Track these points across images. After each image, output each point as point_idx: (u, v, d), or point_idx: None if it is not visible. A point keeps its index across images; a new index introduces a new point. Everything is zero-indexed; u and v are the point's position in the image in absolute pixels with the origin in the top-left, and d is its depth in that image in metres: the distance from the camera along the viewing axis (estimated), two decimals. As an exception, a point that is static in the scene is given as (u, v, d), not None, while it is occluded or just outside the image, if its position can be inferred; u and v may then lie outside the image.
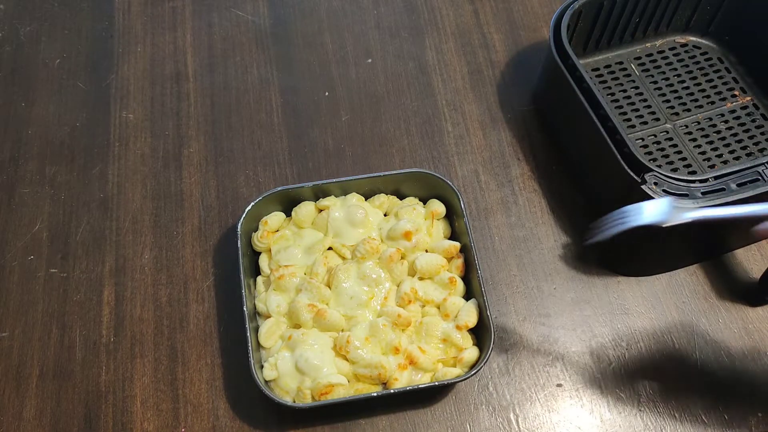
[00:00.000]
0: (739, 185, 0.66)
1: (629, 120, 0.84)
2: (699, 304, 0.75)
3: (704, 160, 0.81)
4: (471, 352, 0.66)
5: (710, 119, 0.85)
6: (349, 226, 0.72)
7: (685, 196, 0.66)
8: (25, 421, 0.67)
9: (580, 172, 0.81)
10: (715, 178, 0.67)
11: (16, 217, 0.78)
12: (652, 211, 0.57)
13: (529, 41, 0.93)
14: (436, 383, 0.65)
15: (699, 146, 0.82)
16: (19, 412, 0.68)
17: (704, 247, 0.77)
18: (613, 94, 0.86)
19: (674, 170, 0.80)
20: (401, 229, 0.71)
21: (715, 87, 0.87)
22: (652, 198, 0.65)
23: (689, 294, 0.75)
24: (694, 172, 0.80)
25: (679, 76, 0.88)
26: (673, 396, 0.70)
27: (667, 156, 0.82)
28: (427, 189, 0.75)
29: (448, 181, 0.73)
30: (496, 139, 0.85)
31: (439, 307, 0.69)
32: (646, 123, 0.84)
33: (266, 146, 0.84)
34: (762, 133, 0.84)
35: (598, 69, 0.88)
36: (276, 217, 0.73)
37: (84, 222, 0.78)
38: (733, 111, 0.85)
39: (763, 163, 0.67)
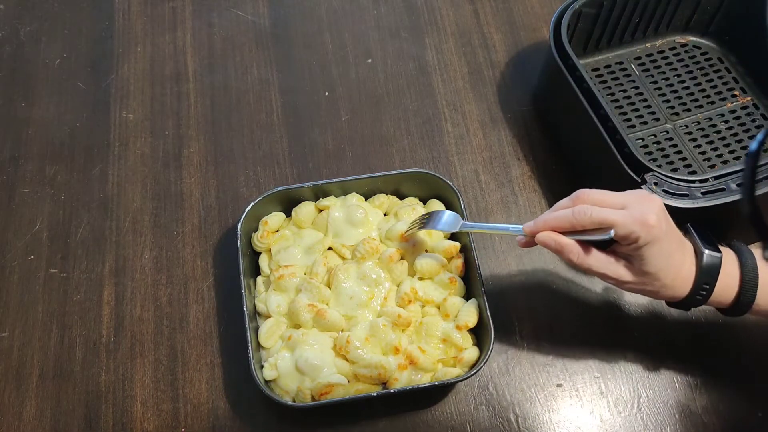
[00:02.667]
0: (739, 185, 0.66)
1: (629, 120, 0.84)
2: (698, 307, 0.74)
3: (704, 160, 0.81)
4: (471, 352, 0.66)
5: (710, 119, 0.85)
6: (349, 226, 0.72)
7: (685, 196, 0.66)
8: (25, 421, 0.67)
9: (580, 172, 0.81)
10: (715, 178, 0.67)
11: (16, 217, 0.78)
12: (444, 221, 0.68)
13: (529, 41, 0.93)
14: (436, 383, 0.65)
15: (699, 146, 0.82)
16: (19, 412, 0.68)
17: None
18: (613, 94, 0.86)
19: (674, 170, 0.80)
20: (400, 230, 0.71)
21: (715, 87, 0.87)
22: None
23: (689, 294, 0.75)
24: (694, 172, 0.80)
25: (679, 76, 0.88)
26: (673, 396, 0.70)
27: (667, 156, 0.82)
28: (427, 189, 0.75)
29: (448, 181, 0.73)
30: (496, 139, 0.85)
31: (439, 307, 0.69)
32: (646, 123, 0.84)
33: (266, 146, 0.84)
34: (762, 133, 0.83)
35: (598, 69, 0.88)
36: (276, 217, 0.73)
37: (84, 222, 0.78)
38: (733, 111, 0.85)
39: (764, 163, 0.67)
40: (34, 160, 0.82)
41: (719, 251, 0.59)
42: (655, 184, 0.66)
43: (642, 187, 0.66)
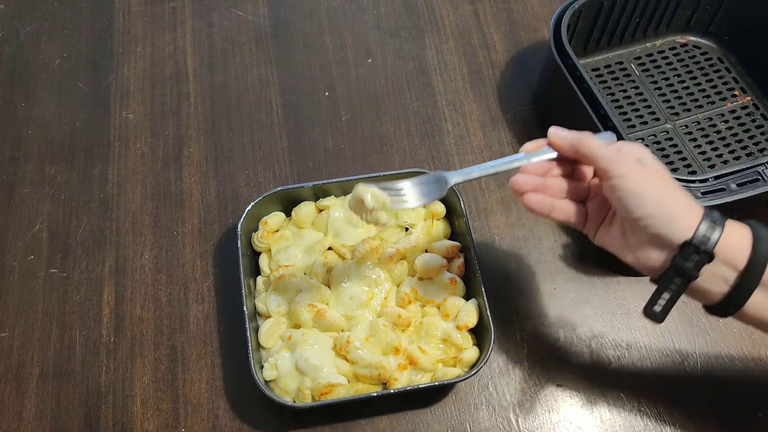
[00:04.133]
0: (739, 185, 0.66)
1: (629, 120, 0.84)
2: (699, 303, 0.74)
3: (704, 160, 0.81)
4: (471, 352, 0.66)
5: (710, 119, 0.85)
6: (349, 226, 0.72)
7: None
8: (25, 421, 0.67)
9: (580, 172, 0.81)
10: (715, 178, 0.67)
11: (16, 217, 0.78)
12: (425, 191, 0.59)
13: (529, 41, 0.93)
14: (436, 383, 0.65)
15: (699, 146, 0.82)
16: (19, 412, 0.68)
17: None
18: (613, 94, 0.86)
19: (674, 170, 0.80)
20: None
21: (715, 87, 0.87)
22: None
23: (689, 294, 0.75)
24: (694, 172, 0.80)
25: (679, 76, 0.88)
26: (673, 396, 0.70)
27: (667, 156, 0.82)
28: (427, 189, 0.75)
29: (448, 181, 0.73)
30: (496, 139, 0.85)
31: (439, 307, 0.69)
32: (646, 123, 0.84)
33: (266, 146, 0.84)
34: (762, 133, 0.84)
35: (598, 69, 0.88)
36: (276, 217, 0.73)
37: (84, 222, 0.78)
38: (733, 111, 0.85)
39: (763, 163, 0.67)
40: (34, 160, 0.82)
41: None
42: (655, 184, 0.66)
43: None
